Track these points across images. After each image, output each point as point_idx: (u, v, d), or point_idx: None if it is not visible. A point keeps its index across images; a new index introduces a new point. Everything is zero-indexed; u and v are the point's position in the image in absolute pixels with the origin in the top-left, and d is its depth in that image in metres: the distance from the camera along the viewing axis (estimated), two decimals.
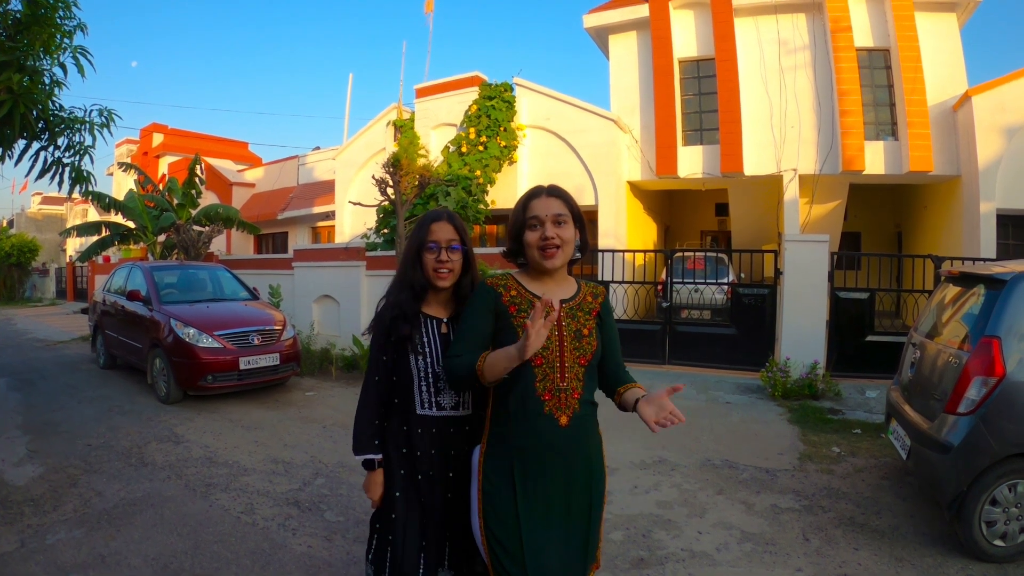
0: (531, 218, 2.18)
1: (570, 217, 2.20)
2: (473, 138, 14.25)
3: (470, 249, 2.45)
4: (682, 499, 4.96)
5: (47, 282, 36.20)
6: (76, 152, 5.62)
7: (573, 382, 2.14)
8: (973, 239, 11.92)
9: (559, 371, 2.13)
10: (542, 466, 2.12)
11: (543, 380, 2.12)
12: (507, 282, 2.23)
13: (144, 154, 29.79)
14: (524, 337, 1.90)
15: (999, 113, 11.78)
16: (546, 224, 2.15)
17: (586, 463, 2.19)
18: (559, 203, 2.19)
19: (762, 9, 13.89)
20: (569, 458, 2.15)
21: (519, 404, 2.12)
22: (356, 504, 4.79)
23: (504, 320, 2.18)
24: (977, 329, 4.16)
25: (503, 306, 2.18)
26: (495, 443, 2.19)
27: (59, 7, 5.30)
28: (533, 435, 2.11)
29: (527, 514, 2.10)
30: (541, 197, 2.21)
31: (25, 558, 3.87)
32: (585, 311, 2.24)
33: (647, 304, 11.59)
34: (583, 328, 2.21)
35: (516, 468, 2.12)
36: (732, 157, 13.72)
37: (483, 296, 2.22)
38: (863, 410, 7.73)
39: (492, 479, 2.15)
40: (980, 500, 3.90)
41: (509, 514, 2.10)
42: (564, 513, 2.14)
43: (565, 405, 2.12)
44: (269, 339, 8.49)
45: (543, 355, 2.11)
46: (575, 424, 2.14)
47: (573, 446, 2.15)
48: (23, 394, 8.59)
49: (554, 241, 2.15)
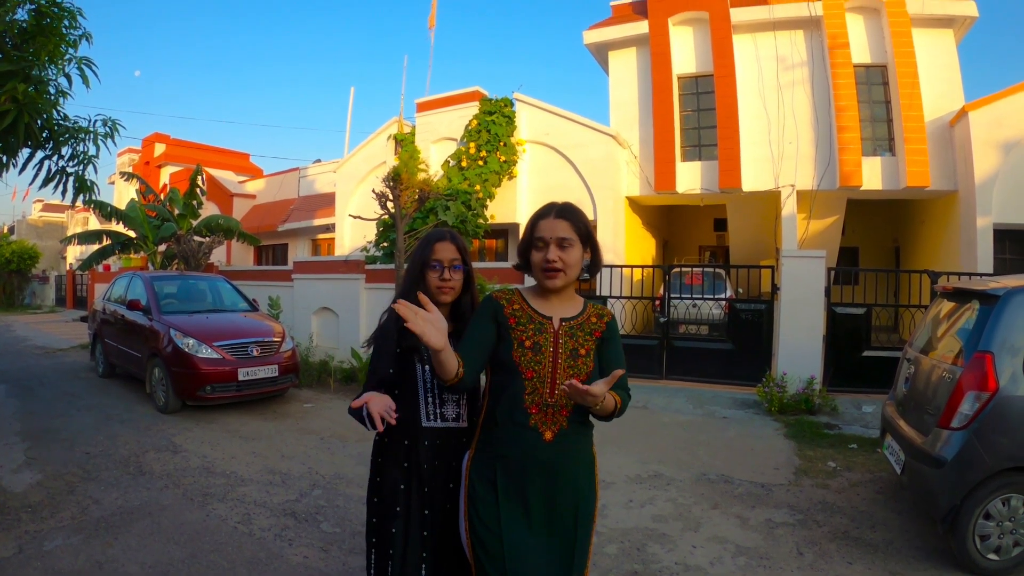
0: (537, 239, 2.22)
1: (576, 240, 2.21)
2: (473, 153, 14.30)
3: (471, 268, 2.53)
4: (677, 513, 4.97)
5: (47, 289, 36.24)
6: (80, 162, 5.65)
7: (563, 399, 2.15)
8: (970, 254, 11.94)
9: (548, 387, 2.16)
10: (522, 476, 2.16)
11: (532, 393, 2.16)
12: (512, 296, 2.28)
13: (146, 164, 29.88)
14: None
15: (996, 128, 11.83)
16: (550, 247, 2.18)
17: (571, 481, 2.21)
18: (566, 226, 2.21)
19: (760, 26, 13.98)
20: (552, 473, 2.17)
21: (506, 414, 2.17)
22: (352, 516, 4.81)
23: (503, 331, 2.22)
24: (971, 344, 4.20)
25: (504, 317, 2.23)
26: (481, 449, 2.24)
27: (64, 17, 5.36)
28: (516, 445, 2.16)
29: (509, 519, 2.14)
30: (549, 218, 2.23)
31: (23, 564, 3.89)
32: (586, 332, 2.27)
33: (645, 319, 11.61)
34: (580, 348, 2.23)
35: (498, 475, 2.17)
36: (730, 173, 13.77)
37: (487, 307, 2.27)
38: (859, 425, 7.74)
39: (476, 484, 2.20)
40: (974, 514, 3.92)
41: (492, 518, 2.15)
42: (545, 523, 2.17)
43: (552, 421, 2.16)
44: (268, 351, 8.51)
45: (534, 369, 2.16)
46: (560, 441, 2.17)
47: (557, 462, 2.18)
48: (22, 401, 8.60)
49: (555, 264, 2.18)
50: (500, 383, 2.22)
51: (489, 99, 14.88)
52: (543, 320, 2.24)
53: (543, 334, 2.21)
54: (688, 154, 14.78)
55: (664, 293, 10.45)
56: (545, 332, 2.21)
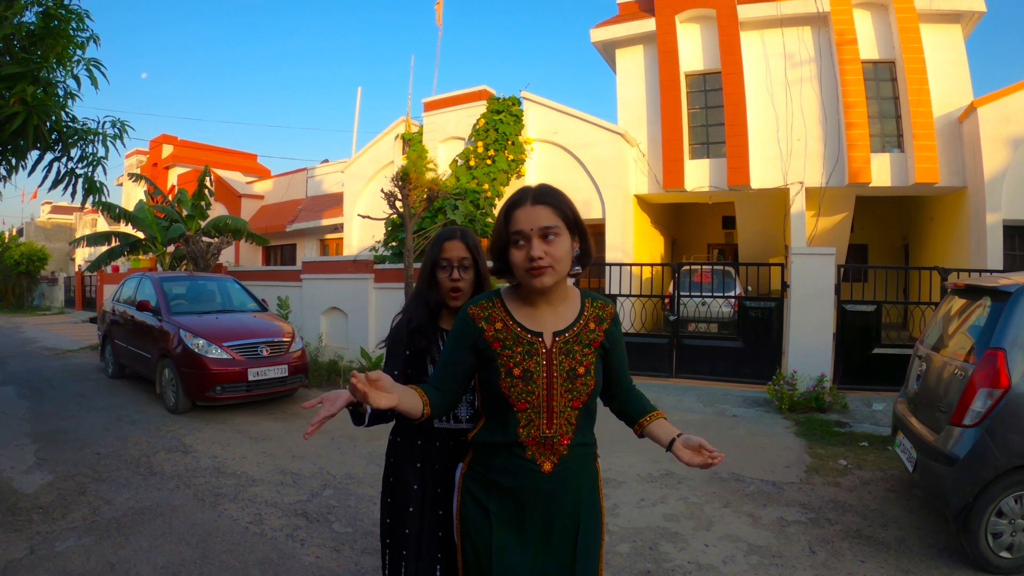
0: (514, 233, 1.83)
1: (563, 227, 1.84)
2: (481, 152, 14.30)
3: (483, 266, 2.44)
4: (689, 512, 4.96)
5: (56, 291, 36.41)
6: (89, 163, 5.68)
7: (562, 427, 1.88)
8: (980, 250, 11.89)
9: (546, 418, 1.87)
10: (517, 505, 1.92)
11: (527, 426, 1.87)
12: (493, 311, 1.93)
13: (154, 165, 29.95)
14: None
15: (1004, 124, 11.76)
16: (532, 241, 1.81)
17: (573, 506, 1.95)
18: (547, 212, 1.83)
19: (768, 23, 13.93)
20: (551, 501, 1.92)
21: (501, 442, 1.92)
22: (364, 516, 4.82)
23: (487, 358, 1.91)
24: (982, 341, 4.17)
25: (485, 343, 1.90)
26: (475, 470, 2.01)
27: (72, 19, 5.37)
28: (511, 475, 1.91)
29: (501, 546, 1.91)
30: (525, 206, 1.84)
31: (34, 565, 3.90)
32: (584, 343, 1.94)
33: (654, 317, 11.60)
34: (579, 366, 1.91)
35: (491, 500, 1.94)
36: (739, 170, 13.74)
37: (464, 331, 1.94)
38: (870, 423, 7.71)
39: (469, 505, 1.98)
40: (986, 512, 3.89)
41: (483, 542, 1.93)
42: (542, 546, 1.93)
43: (551, 452, 1.89)
44: (278, 351, 8.53)
45: (527, 400, 1.86)
46: (561, 470, 1.91)
47: (557, 491, 1.92)
48: (32, 402, 8.65)
49: (542, 262, 1.80)
50: (491, 408, 1.96)
51: (497, 98, 14.87)
52: (532, 339, 1.90)
53: (533, 357, 1.88)
54: (696, 152, 14.74)
55: (673, 291, 10.45)
56: (536, 354, 1.88)
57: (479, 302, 1.97)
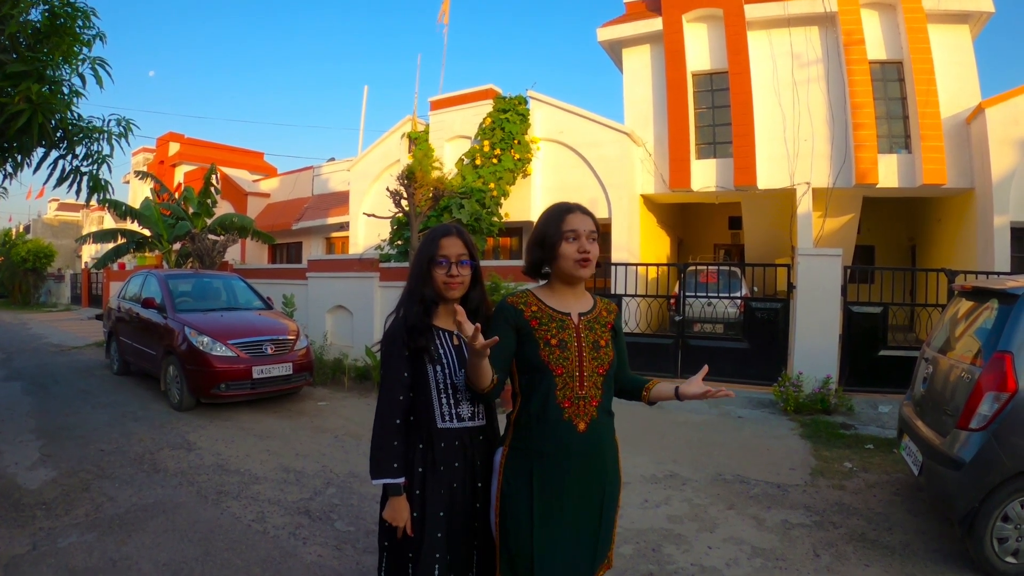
0: (569, 231, 2.26)
1: (597, 236, 2.33)
2: (487, 151, 14.30)
3: (478, 263, 2.49)
4: (692, 514, 4.94)
5: (62, 288, 36.58)
6: (94, 161, 5.66)
7: (592, 390, 2.26)
8: (987, 252, 11.84)
9: (579, 380, 2.24)
10: (560, 470, 2.22)
11: (563, 388, 2.22)
12: (527, 299, 2.33)
13: (160, 163, 30.08)
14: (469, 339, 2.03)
15: (1012, 125, 11.72)
16: (582, 238, 2.26)
17: (601, 467, 2.30)
18: (591, 221, 2.31)
19: (775, 22, 13.91)
20: (586, 462, 2.26)
21: (540, 411, 2.23)
22: (366, 514, 4.81)
23: (526, 334, 2.27)
24: (990, 344, 4.14)
25: (524, 321, 2.28)
26: (517, 447, 2.28)
27: (78, 17, 5.36)
28: (553, 440, 2.22)
29: (541, 516, 2.20)
30: (576, 213, 2.30)
31: (37, 561, 3.91)
32: (601, 324, 2.37)
33: (660, 318, 11.58)
34: (600, 339, 2.33)
35: (535, 471, 2.23)
36: (745, 170, 13.71)
37: (504, 314, 2.31)
38: (876, 425, 7.68)
39: (511, 481, 2.26)
40: (992, 516, 3.86)
41: (524, 515, 2.21)
42: (575, 512, 2.25)
43: (584, 412, 2.24)
44: (282, 349, 8.53)
45: (563, 365, 2.23)
46: (593, 430, 2.26)
47: (591, 451, 2.27)
48: (37, 398, 8.67)
49: (589, 255, 2.26)
50: (530, 383, 2.28)
51: (503, 97, 14.88)
52: (563, 317, 2.30)
53: (566, 331, 2.28)
54: (703, 152, 14.73)
55: (679, 291, 10.42)
56: (567, 328, 2.29)
57: (514, 294, 2.38)
